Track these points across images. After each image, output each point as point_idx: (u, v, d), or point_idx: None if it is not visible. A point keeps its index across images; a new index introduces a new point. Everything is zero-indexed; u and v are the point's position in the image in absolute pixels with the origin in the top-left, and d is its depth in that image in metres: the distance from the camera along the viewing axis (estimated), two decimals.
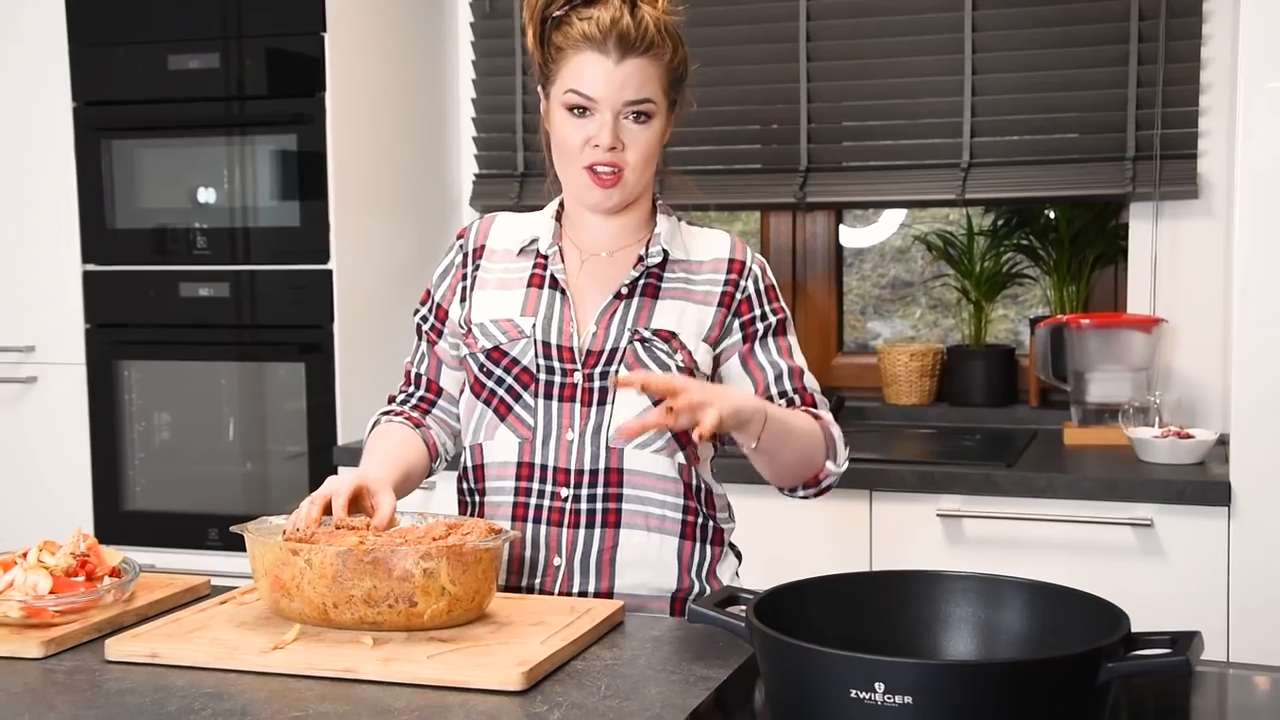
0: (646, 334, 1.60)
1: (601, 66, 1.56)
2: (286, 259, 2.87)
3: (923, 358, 3.06)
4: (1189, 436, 2.49)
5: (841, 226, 3.30)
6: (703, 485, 1.65)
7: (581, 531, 1.60)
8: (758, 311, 1.67)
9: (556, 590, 1.61)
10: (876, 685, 1.00)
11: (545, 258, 1.66)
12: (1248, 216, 2.29)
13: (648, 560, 1.61)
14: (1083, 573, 2.18)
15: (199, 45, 2.88)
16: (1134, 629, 1.09)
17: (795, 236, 3.27)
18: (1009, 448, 2.65)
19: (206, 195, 2.95)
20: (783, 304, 1.70)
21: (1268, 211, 2.28)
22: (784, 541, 2.49)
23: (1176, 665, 1.02)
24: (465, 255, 1.71)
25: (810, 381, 1.68)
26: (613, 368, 1.59)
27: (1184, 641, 1.05)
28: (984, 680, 1.01)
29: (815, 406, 1.67)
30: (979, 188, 2.91)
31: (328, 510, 1.50)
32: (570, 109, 1.58)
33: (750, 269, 1.67)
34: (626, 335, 1.60)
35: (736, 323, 1.66)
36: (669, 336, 1.61)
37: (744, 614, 1.16)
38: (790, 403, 1.65)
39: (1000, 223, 3.15)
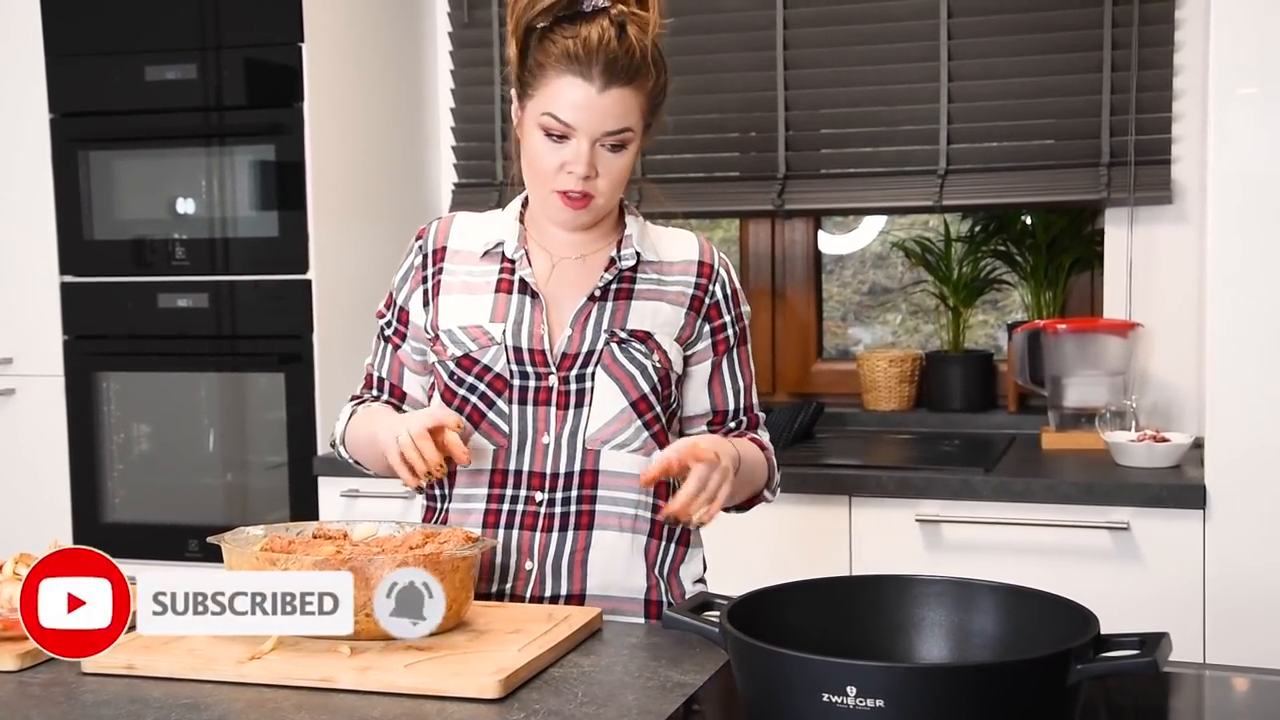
0: (623, 334, 1.61)
1: (583, 93, 1.52)
2: (265, 269, 2.87)
3: (901, 364, 3.07)
4: (1165, 440, 2.51)
5: (821, 233, 3.31)
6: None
7: (554, 535, 1.60)
8: (727, 318, 1.69)
9: (528, 595, 1.60)
10: (848, 689, 1.00)
11: (512, 261, 1.65)
12: (1221, 221, 2.31)
13: (618, 560, 1.61)
14: (1060, 576, 2.19)
15: (176, 56, 2.88)
16: (1111, 631, 1.10)
17: (774, 243, 3.28)
18: (987, 453, 2.67)
19: (185, 206, 2.94)
20: (744, 307, 1.73)
21: (1240, 216, 2.30)
22: (763, 548, 2.49)
23: (1144, 666, 1.03)
24: (425, 257, 1.68)
25: (756, 398, 1.73)
26: (589, 369, 1.60)
27: (1152, 643, 1.06)
28: (954, 683, 1.02)
29: (757, 428, 1.72)
30: (956, 194, 2.93)
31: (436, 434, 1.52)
32: (547, 132, 1.55)
33: (718, 273, 1.69)
34: (603, 337, 1.61)
35: (707, 328, 1.67)
36: (644, 337, 1.61)
37: (718, 620, 1.17)
38: (739, 425, 1.70)
39: (977, 229, 3.17)
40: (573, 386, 1.60)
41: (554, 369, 1.60)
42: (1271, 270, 2.28)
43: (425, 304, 1.66)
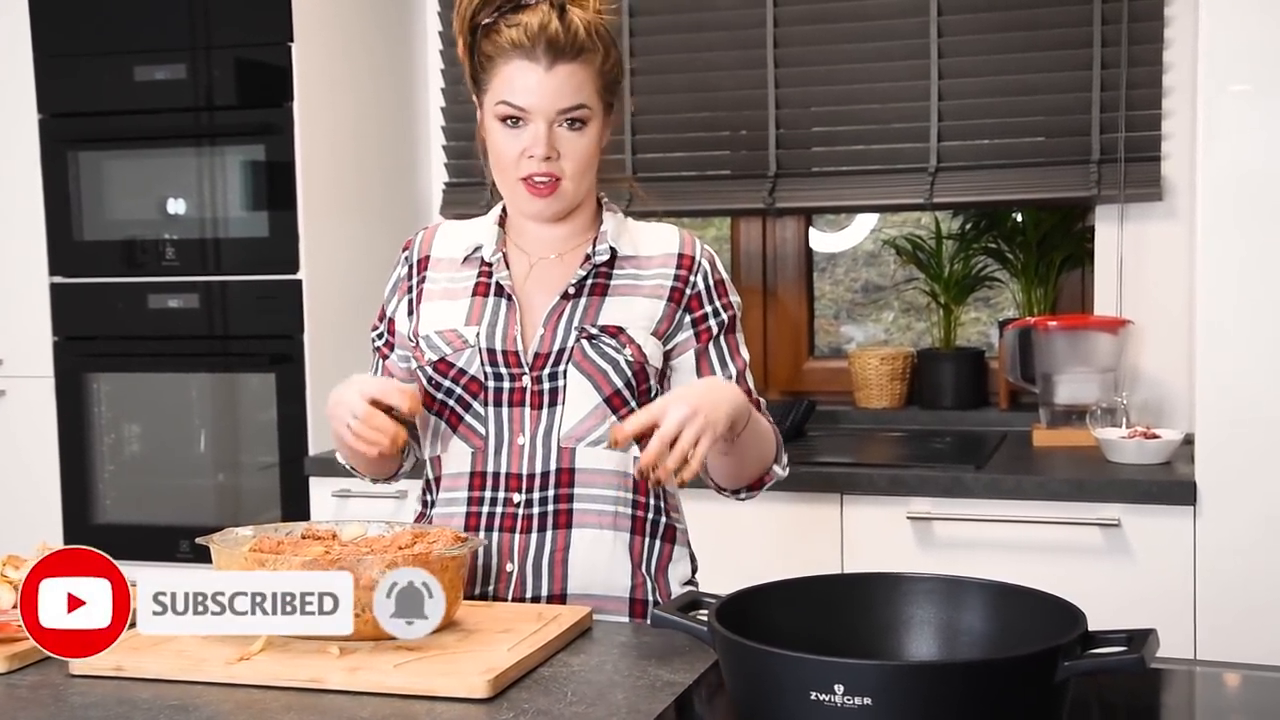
0: (593, 330, 1.60)
1: (532, 74, 1.54)
2: (256, 269, 2.87)
3: (893, 361, 3.08)
4: (1155, 437, 2.51)
5: (812, 231, 3.32)
6: None
7: (533, 535, 1.60)
8: (709, 309, 1.66)
9: (510, 596, 1.60)
10: (836, 687, 1.00)
11: (490, 265, 1.65)
12: (1211, 218, 2.32)
13: (599, 559, 1.60)
14: (1051, 573, 2.19)
15: (166, 56, 2.87)
16: (1102, 628, 1.10)
17: (765, 242, 3.28)
18: (978, 450, 2.67)
19: (175, 206, 2.94)
20: (732, 298, 1.69)
21: (1230, 213, 2.30)
22: (755, 545, 2.50)
23: (1131, 663, 1.03)
24: (410, 267, 1.70)
25: (751, 382, 1.69)
26: (560, 367, 1.59)
27: (1139, 639, 1.07)
28: (941, 680, 1.02)
29: (758, 410, 1.68)
30: (946, 191, 2.93)
31: (382, 407, 1.51)
32: (503, 120, 1.57)
33: (700, 264, 1.66)
34: (574, 334, 1.60)
35: (688, 318, 1.65)
36: (616, 331, 1.60)
37: (707, 618, 1.17)
38: None
39: (968, 226, 3.17)
40: (546, 385, 1.60)
41: (527, 369, 1.60)
42: (1261, 266, 2.28)
43: (409, 313, 1.68)
